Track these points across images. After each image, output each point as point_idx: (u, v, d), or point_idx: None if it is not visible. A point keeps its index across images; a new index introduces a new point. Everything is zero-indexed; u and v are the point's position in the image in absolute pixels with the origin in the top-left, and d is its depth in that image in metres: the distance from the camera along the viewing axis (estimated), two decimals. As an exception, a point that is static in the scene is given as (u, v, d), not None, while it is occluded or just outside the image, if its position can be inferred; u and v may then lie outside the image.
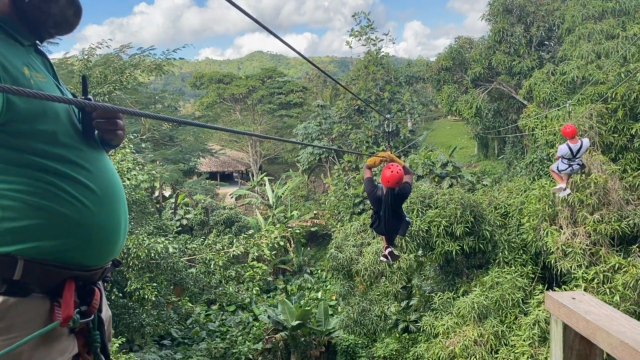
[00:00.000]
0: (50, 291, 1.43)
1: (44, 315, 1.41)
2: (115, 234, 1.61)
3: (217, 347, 19.49)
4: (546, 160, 17.95)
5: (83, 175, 1.49)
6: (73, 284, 1.46)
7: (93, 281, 1.57)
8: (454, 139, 38.71)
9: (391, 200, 5.43)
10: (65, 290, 1.43)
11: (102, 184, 1.56)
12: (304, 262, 28.26)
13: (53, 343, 1.41)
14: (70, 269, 1.47)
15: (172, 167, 22.77)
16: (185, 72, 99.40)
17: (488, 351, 11.66)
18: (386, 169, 5.33)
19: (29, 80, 1.42)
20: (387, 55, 32.60)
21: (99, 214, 1.52)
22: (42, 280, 1.41)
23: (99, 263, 1.57)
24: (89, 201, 1.49)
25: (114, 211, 1.60)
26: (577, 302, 1.53)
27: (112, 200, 1.59)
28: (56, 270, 1.43)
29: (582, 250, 11.62)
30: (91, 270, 1.54)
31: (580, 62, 16.38)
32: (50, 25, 1.54)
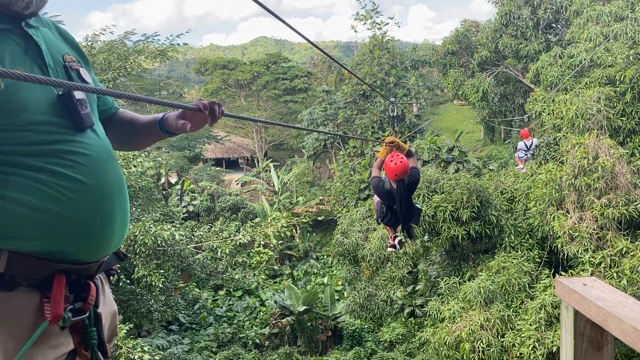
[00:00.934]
0: (38, 284, 1.34)
1: (33, 310, 1.33)
2: (108, 227, 1.49)
3: (225, 332, 19.71)
4: (553, 144, 17.83)
5: (66, 167, 1.38)
6: (63, 277, 1.37)
7: (89, 275, 1.47)
8: (460, 123, 38.49)
9: (405, 192, 5.21)
10: (55, 286, 1.34)
11: (94, 175, 1.44)
12: (310, 248, 28.37)
13: (43, 339, 1.33)
14: (59, 262, 1.37)
15: (177, 153, 22.82)
16: (189, 58, 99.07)
17: (494, 335, 11.70)
18: (388, 162, 5.05)
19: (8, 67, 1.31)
20: (393, 39, 32.31)
21: (85, 205, 1.41)
22: (28, 273, 1.33)
23: (91, 257, 1.46)
24: (73, 193, 1.38)
25: (106, 202, 1.48)
26: (589, 288, 1.51)
27: (105, 191, 1.48)
28: (43, 263, 1.34)
29: (589, 234, 11.59)
30: (83, 264, 1.44)
31: (589, 45, 16.17)
32: (22, 6, 1.38)
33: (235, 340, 19.29)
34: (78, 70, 1.56)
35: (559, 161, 13.96)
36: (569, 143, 13.07)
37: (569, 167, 12.24)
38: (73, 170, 1.39)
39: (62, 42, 1.60)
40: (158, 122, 1.82)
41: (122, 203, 1.56)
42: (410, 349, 16.65)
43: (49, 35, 1.53)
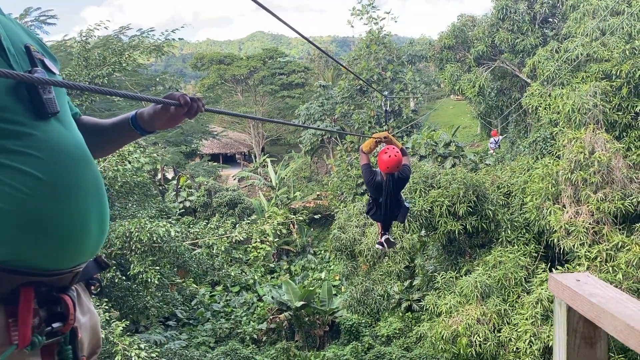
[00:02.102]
0: (4, 299, 1.17)
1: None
2: (79, 230, 1.32)
3: (222, 327, 19.72)
4: (550, 139, 17.85)
5: (22, 162, 1.20)
6: (31, 291, 1.20)
7: (62, 286, 1.30)
8: (457, 118, 38.50)
9: (392, 186, 5.12)
10: (21, 302, 1.17)
11: (54, 171, 1.26)
12: (308, 243, 28.38)
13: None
14: (25, 274, 1.20)
15: (173, 149, 22.76)
16: (186, 53, 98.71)
17: (491, 330, 11.74)
18: (382, 153, 4.94)
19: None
20: (389, 34, 32.26)
21: (47, 203, 1.24)
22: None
23: (63, 265, 1.29)
24: (31, 190, 1.21)
25: (74, 202, 1.31)
26: (582, 284, 1.50)
27: (71, 189, 1.30)
28: (5, 275, 1.18)
29: (585, 228, 11.61)
30: (55, 275, 1.27)
31: (585, 40, 16.15)
32: None
33: (232, 336, 19.31)
34: (42, 60, 1.40)
35: (555, 156, 13.97)
36: (565, 137, 13.08)
37: (566, 161, 12.26)
38: (30, 164, 1.21)
39: (25, 35, 1.43)
40: (130, 121, 1.68)
41: (98, 205, 1.40)
42: (408, 344, 16.71)
43: (7, 24, 1.37)
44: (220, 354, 16.13)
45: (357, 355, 16.67)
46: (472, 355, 11.94)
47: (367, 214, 5.65)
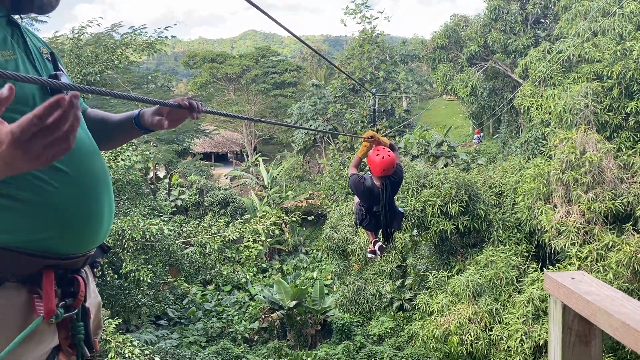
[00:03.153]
0: (26, 280, 1.32)
1: (21, 306, 1.30)
2: (96, 219, 1.47)
3: (214, 326, 19.67)
4: (541, 139, 17.95)
5: None
6: (52, 273, 1.34)
7: (75, 269, 1.45)
8: (449, 118, 38.63)
9: (391, 190, 4.62)
10: (44, 282, 1.31)
11: (78, 167, 1.41)
12: (300, 242, 28.37)
13: (31, 335, 1.30)
14: (47, 258, 1.34)
15: (165, 147, 22.65)
16: (178, 51, 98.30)
17: (482, 329, 11.79)
18: (373, 155, 4.48)
19: None
20: (382, 33, 32.30)
21: (72, 197, 1.39)
22: (16, 269, 1.30)
23: (79, 250, 1.44)
24: (60, 184, 1.35)
25: (92, 194, 1.46)
26: (577, 282, 1.51)
27: (91, 183, 1.45)
28: (31, 258, 1.31)
29: (576, 228, 11.70)
30: (71, 259, 1.42)
31: (577, 40, 16.26)
32: (37, 5, 1.42)
33: (224, 335, 19.26)
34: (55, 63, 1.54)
35: (547, 156, 14.06)
36: (556, 138, 13.17)
37: (557, 161, 12.34)
38: (59, 160, 1.31)
39: (34, 38, 1.56)
40: (134, 119, 1.75)
41: (108, 195, 1.54)
42: (399, 343, 16.75)
43: (26, 30, 1.51)
44: (211, 354, 16.09)
45: (348, 354, 16.69)
46: (464, 354, 11.99)
47: (360, 225, 5.06)
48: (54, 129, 0.85)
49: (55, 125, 0.85)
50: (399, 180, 4.75)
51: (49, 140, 0.86)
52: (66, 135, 0.88)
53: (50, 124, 0.84)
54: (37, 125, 0.83)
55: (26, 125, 0.83)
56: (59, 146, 0.89)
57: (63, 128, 0.86)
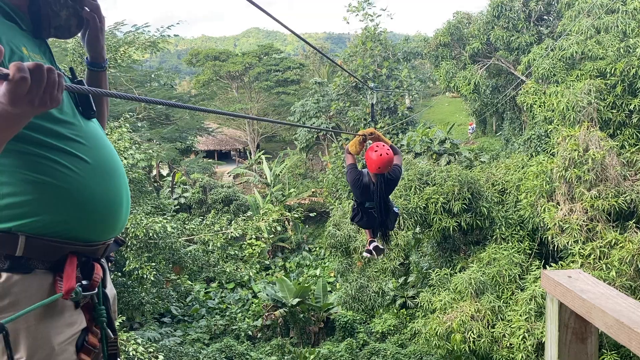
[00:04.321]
0: (52, 267, 1.45)
1: (47, 290, 1.43)
2: (115, 208, 1.62)
3: (217, 324, 19.73)
4: (544, 136, 17.91)
5: (75, 148, 1.50)
6: (75, 259, 1.48)
7: (96, 257, 1.59)
8: (452, 115, 38.57)
9: (384, 188, 4.53)
10: (67, 264, 1.46)
11: (97, 157, 1.56)
12: (303, 240, 28.40)
13: (58, 316, 1.45)
14: (71, 244, 1.49)
15: (168, 145, 22.68)
16: (181, 49, 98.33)
17: (485, 326, 11.81)
18: (370, 151, 4.38)
19: (28, 59, 1.44)
20: (385, 31, 32.24)
21: (94, 185, 1.53)
22: (44, 255, 1.44)
23: (100, 238, 1.59)
24: (83, 172, 1.50)
25: (111, 184, 1.60)
26: (573, 280, 1.53)
27: (109, 173, 1.60)
28: (57, 245, 1.45)
29: (579, 226, 11.69)
30: (93, 246, 1.56)
31: (580, 38, 16.21)
32: (53, 26, 1.60)
33: (227, 332, 19.33)
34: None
35: (549, 153, 14.05)
36: (559, 135, 13.14)
37: (560, 159, 12.33)
38: (80, 150, 1.51)
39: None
40: (88, 66, 1.91)
41: (126, 186, 1.69)
42: (402, 340, 16.78)
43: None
44: (215, 351, 16.14)
45: (351, 351, 16.73)
46: (466, 351, 12.02)
47: (352, 221, 5.02)
48: (39, 83, 1.04)
49: (39, 81, 1.04)
50: (395, 180, 4.65)
51: (40, 91, 1.05)
52: (51, 86, 1.06)
53: (35, 80, 1.03)
54: (26, 80, 1.01)
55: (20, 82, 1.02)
56: (50, 94, 1.07)
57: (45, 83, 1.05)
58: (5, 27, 1.47)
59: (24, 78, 0.98)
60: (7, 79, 0.98)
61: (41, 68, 1.02)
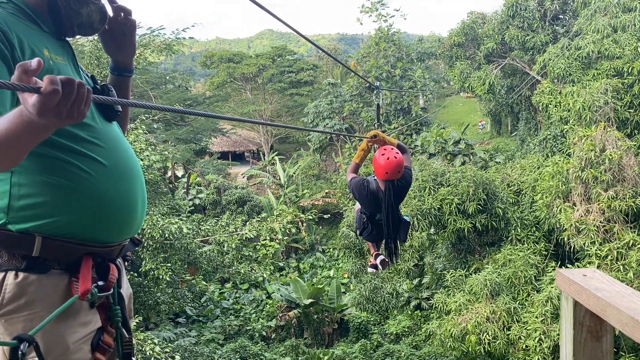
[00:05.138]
0: (68, 267, 1.48)
1: (63, 290, 1.46)
2: (130, 210, 1.63)
3: (231, 324, 19.82)
4: (560, 136, 17.75)
5: (92, 150, 1.52)
6: (90, 260, 1.50)
7: (111, 258, 1.60)
8: (467, 116, 38.33)
9: (394, 196, 4.00)
10: (83, 265, 1.48)
11: (113, 159, 1.57)
12: (316, 241, 28.42)
13: (73, 316, 1.47)
14: (87, 245, 1.51)
15: (183, 147, 22.86)
16: (195, 51, 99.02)
17: (500, 328, 11.73)
18: (378, 156, 3.92)
19: (49, 61, 1.47)
20: (399, 31, 32.19)
21: (109, 187, 1.54)
22: (59, 256, 1.46)
23: (115, 239, 1.60)
24: (98, 174, 1.51)
25: (127, 186, 1.62)
26: (588, 278, 1.53)
27: (125, 175, 1.61)
28: (73, 246, 1.47)
29: (596, 227, 11.57)
30: (108, 247, 1.58)
31: (596, 37, 16.04)
32: (76, 24, 1.61)
33: (242, 333, 19.41)
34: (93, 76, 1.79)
35: (565, 153, 13.92)
36: (575, 135, 13.02)
37: (576, 159, 12.21)
38: (97, 152, 1.53)
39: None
40: (114, 72, 1.90)
41: (142, 188, 1.70)
42: (417, 342, 16.71)
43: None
44: (229, 351, 16.23)
45: (365, 352, 16.70)
46: (481, 353, 11.95)
47: (360, 236, 4.45)
48: (68, 97, 1.04)
49: (69, 95, 1.04)
50: (406, 185, 4.11)
51: (68, 104, 1.05)
52: (79, 100, 1.06)
53: (65, 93, 1.03)
54: (57, 93, 1.02)
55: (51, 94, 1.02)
56: (77, 108, 1.07)
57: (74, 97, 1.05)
58: (27, 28, 1.48)
59: (56, 91, 0.99)
60: (39, 92, 0.99)
61: (72, 83, 1.03)
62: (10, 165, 1.26)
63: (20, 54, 1.40)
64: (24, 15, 1.51)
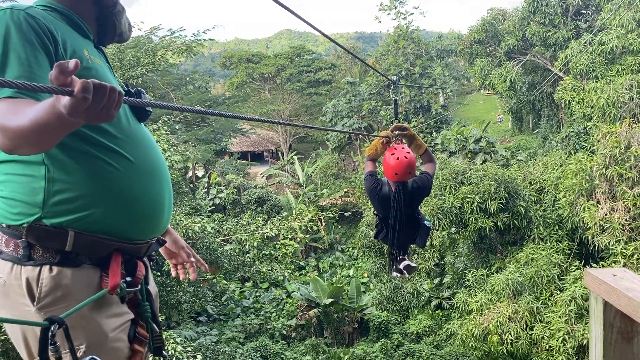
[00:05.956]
0: (99, 263, 1.54)
1: (96, 284, 1.53)
2: (158, 208, 1.68)
3: (252, 323, 19.94)
4: (583, 133, 17.46)
5: (121, 146, 1.57)
6: (120, 256, 1.56)
7: (139, 255, 1.66)
8: (488, 113, 37.95)
9: (404, 198, 3.67)
10: (112, 261, 1.54)
11: (141, 156, 1.63)
12: (335, 240, 28.43)
13: (106, 307, 1.54)
14: (117, 241, 1.56)
15: (204, 147, 23.04)
16: (214, 52, 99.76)
17: (523, 328, 11.59)
18: (388, 155, 3.59)
19: (88, 61, 1.56)
20: (418, 29, 32.00)
21: (137, 183, 1.60)
22: (91, 251, 1.52)
23: (143, 237, 1.66)
24: (126, 170, 1.57)
25: (154, 184, 1.67)
26: (618, 279, 1.51)
27: (152, 173, 1.66)
28: (103, 241, 1.53)
29: (621, 225, 11.35)
30: (136, 244, 1.63)
31: (620, 31, 15.73)
32: (117, 33, 1.76)
33: (262, 332, 19.51)
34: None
35: (589, 151, 13.69)
36: (599, 132, 12.80)
37: (600, 156, 12.00)
38: (124, 148, 1.58)
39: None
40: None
41: (168, 187, 1.76)
42: (438, 341, 16.61)
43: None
44: (250, 350, 16.32)
45: (386, 352, 16.65)
46: (504, 353, 11.82)
47: (376, 238, 4.15)
48: (99, 101, 1.07)
49: (100, 99, 1.07)
50: (423, 189, 3.73)
51: (99, 108, 1.08)
52: (110, 104, 1.09)
53: (96, 98, 1.06)
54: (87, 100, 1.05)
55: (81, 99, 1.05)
56: (107, 111, 1.09)
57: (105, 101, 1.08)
58: (69, 31, 1.57)
59: (86, 98, 1.03)
60: (72, 95, 1.03)
61: (105, 88, 1.06)
62: (40, 150, 1.31)
63: (63, 50, 1.48)
64: (69, 22, 1.60)
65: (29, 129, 1.15)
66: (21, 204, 1.47)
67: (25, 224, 1.47)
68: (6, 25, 1.41)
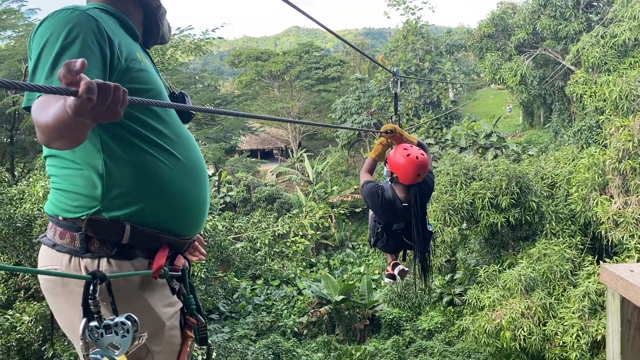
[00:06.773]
0: (149, 255, 1.61)
1: (145, 275, 1.61)
2: (202, 205, 1.76)
3: (263, 320, 19.99)
4: (595, 127, 17.29)
5: (171, 145, 1.64)
6: (167, 248, 1.64)
7: (181, 251, 1.74)
8: (498, 108, 37.67)
9: (421, 202, 3.43)
10: (160, 251, 1.61)
11: (187, 156, 1.70)
12: (346, 237, 28.41)
13: (158, 288, 1.63)
14: (168, 235, 1.64)
15: (214, 145, 23.11)
16: (223, 50, 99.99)
17: (536, 323, 11.52)
18: (400, 155, 3.29)
19: (141, 63, 1.63)
20: (427, 24, 31.84)
21: (185, 181, 1.67)
22: (144, 244, 1.59)
23: (190, 232, 1.74)
24: (176, 168, 1.64)
25: (199, 182, 1.74)
26: (636, 274, 1.49)
27: (197, 172, 1.74)
28: (156, 235, 1.60)
29: (635, 219, 11.23)
30: (183, 240, 1.71)
31: (633, 23, 15.53)
32: (160, 35, 1.86)
33: (274, 329, 19.56)
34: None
35: (602, 145, 13.55)
36: (612, 126, 12.66)
37: (613, 150, 11.88)
38: (174, 147, 1.65)
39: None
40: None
41: (208, 185, 1.84)
42: (449, 338, 16.56)
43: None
44: (262, 347, 16.37)
45: (398, 349, 16.63)
46: (516, 349, 11.76)
47: (374, 246, 3.86)
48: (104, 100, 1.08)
49: (105, 99, 1.07)
50: (429, 192, 3.52)
51: (104, 107, 1.08)
52: (115, 103, 1.09)
53: (101, 97, 1.06)
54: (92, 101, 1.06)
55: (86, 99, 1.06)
56: (113, 109, 1.10)
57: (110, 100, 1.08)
58: (123, 33, 1.64)
59: (90, 99, 1.03)
60: (76, 95, 1.03)
61: (108, 88, 1.06)
62: (69, 145, 1.30)
63: (119, 52, 1.53)
64: (120, 24, 1.67)
65: (51, 125, 1.18)
66: (81, 197, 1.53)
67: (84, 217, 1.52)
68: (70, 25, 1.45)
